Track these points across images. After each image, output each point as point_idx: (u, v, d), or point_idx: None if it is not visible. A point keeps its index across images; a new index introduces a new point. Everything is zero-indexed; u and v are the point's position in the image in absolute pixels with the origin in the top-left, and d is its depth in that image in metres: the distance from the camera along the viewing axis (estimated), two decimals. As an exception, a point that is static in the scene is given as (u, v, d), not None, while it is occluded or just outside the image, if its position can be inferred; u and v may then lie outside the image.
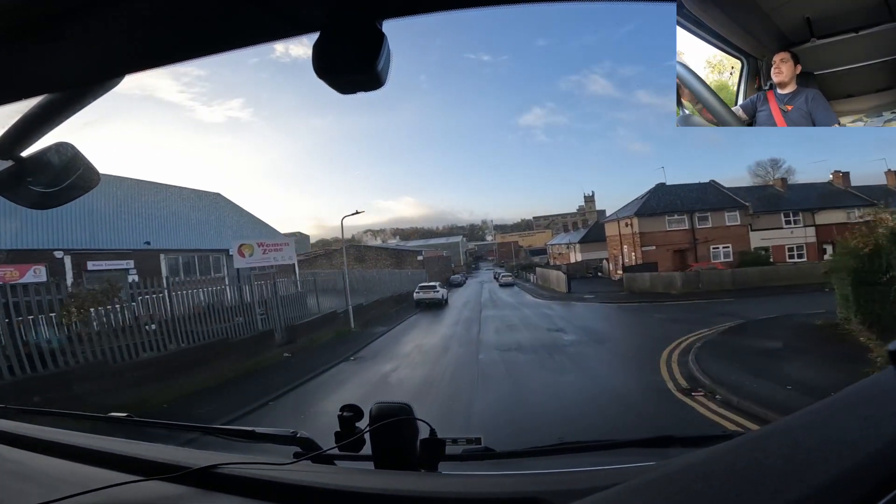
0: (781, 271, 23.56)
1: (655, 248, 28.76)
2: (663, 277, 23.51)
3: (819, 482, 0.37)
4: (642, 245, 28.95)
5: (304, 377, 9.50)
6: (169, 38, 0.58)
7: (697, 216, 29.49)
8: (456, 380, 8.63)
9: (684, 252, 28.99)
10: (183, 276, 18.34)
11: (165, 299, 10.35)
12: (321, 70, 0.54)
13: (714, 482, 0.42)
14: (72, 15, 0.52)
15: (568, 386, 7.81)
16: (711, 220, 29.65)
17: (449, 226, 72.71)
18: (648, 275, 23.85)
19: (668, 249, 28.71)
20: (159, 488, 0.80)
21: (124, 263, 16.60)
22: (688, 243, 29.17)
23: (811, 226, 30.13)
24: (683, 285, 22.16)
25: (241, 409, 7.27)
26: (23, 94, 0.70)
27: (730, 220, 29.92)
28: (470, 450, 1.01)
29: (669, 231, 29.26)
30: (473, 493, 0.70)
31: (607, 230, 35.25)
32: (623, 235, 31.38)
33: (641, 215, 29.23)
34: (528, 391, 7.70)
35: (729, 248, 29.38)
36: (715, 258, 29.04)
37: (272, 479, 0.79)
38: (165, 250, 18.43)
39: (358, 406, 0.97)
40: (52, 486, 0.83)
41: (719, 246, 29.42)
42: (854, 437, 0.40)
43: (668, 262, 27.91)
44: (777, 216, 30.23)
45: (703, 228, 29.45)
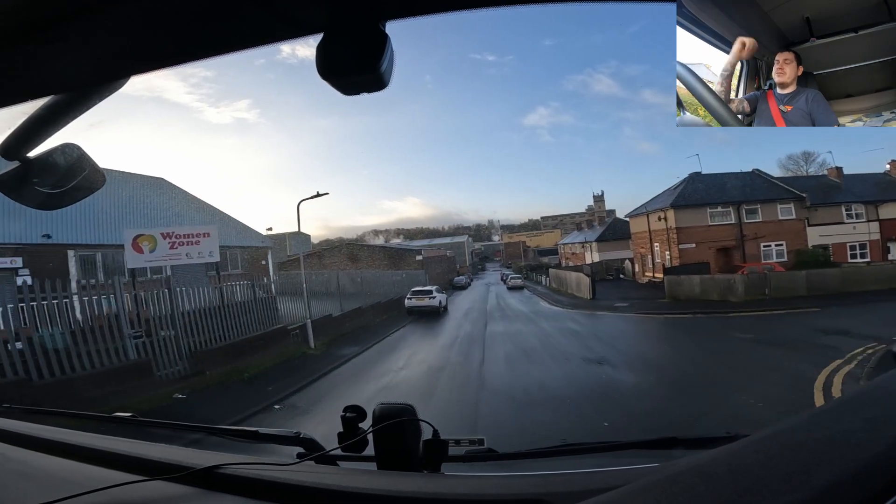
0: (867, 274, 18.73)
1: (695, 245, 24.04)
2: (718, 281, 18.67)
3: (823, 484, 0.37)
4: (680, 242, 24.22)
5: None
6: (172, 39, 0.59)
7: (745, 208, 24.73)
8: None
9: (729, 251, 24.27)
10: (103, 277, 14.30)
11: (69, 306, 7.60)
12: (325, 71, 0.54)
13: (718, 484, 0.41)
14: (76, 16, 0.53)
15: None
16: (762, 214, 24.90)
17: (454, 226, 69.48)
18: (698, 278, 19.02)
19: (711, 247, 23.98)
20: (163, 488, 0.81)
21: (8, 262, 12.49)
22: (734, 240, 24.41)
23: (874, 220, 25.29)
24: (746, 291, 17.43)
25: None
26: (29, 95, 0.71)
27: (783, 213, 25.17)
28: (473, 451, 1.01)
29: (712, 226, 24.50)
30: (476, 495, 0.71)
31: (633, 226, 30.49)
32: (654, 232, 26.66)
33: (678, 207, 24.48)
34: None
35: (783, 245, 24.56)
36: (766, 258, 24.33)
37: (275, 480, 0.80)
38: (76, 245, 14.28)
39: (361, 407, 0.97)
40: (56, 485, 0.84)
41: (771, 243, 24.62)
42: (858, 438, 0.40)
43: (711, 262, 23.26)
44: (837, 209, 25.34)
45: (751, 223, 24.67)
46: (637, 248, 29.72)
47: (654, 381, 7.65)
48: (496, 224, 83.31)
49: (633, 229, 30.24)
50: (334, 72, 0.54)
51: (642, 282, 27.43)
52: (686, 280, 19.44)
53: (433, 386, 8.26)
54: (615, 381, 7.81)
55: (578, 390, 7.23)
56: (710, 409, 6.03)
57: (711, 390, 6.90)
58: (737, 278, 18.22)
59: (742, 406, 5.93)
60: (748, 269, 21.78)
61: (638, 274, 29.29)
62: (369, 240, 63.13)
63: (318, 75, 0.54)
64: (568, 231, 73.24)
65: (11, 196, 0.90)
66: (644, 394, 6.93)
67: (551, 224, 77.32)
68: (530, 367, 9.37)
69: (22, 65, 0.60)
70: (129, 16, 0.53)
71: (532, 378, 8.31)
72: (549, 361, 9.85)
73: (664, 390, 7.11)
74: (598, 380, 7.89)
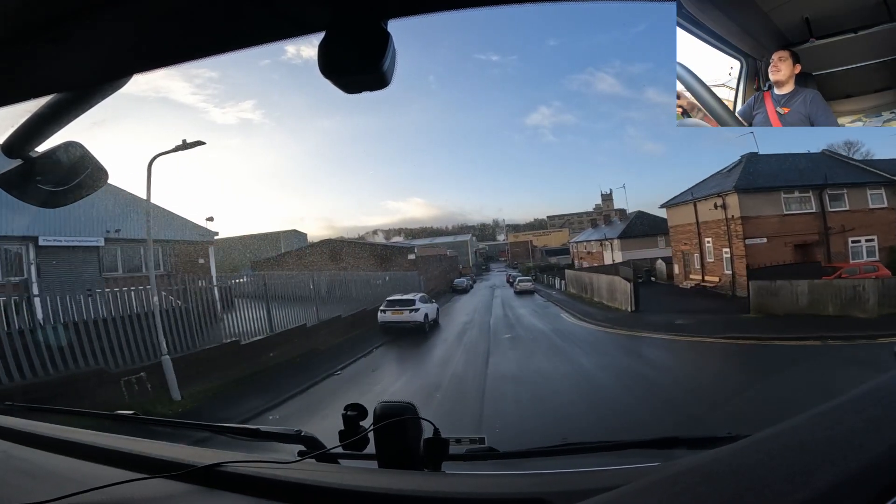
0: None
1: (766, 240, 18.33)
2: (841, 288, 12.61)
3: (825, 484, 0.37)
4: (746, 236, 18.45)
5: None
6: (174, 38, 0.59)
7: (829, 194, 18.99)
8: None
9: (809, 247, 18.55)
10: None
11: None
12: (326, 70, 0.54)
13: (719, 484, 0.41)
14: (79, 16, 0.53)
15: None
16: (848, 201, 19.18)
17: (458, 226, 65.31)
18: (806, 284, 13.13)
19: (787, 243, 18.29)
20: (164, 486, 0.81)
21: None
22: (817, 234, 18.68)
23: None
24: (880, 301, 11.60)
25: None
26: (32, 93, 0.71)
27: (873, 200, 19.46)
28: (474, 449, 1.00)
29: (788, 215, 18.79)
30: (477, 493, 0.70)
31: (672, 218, 24.66)
32: (706, 224, 20.89)
33: (745, 191, 18.70)
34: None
35: (874, 241, 18.87)
36: (855, 257, 18.62)
37: (276, 478, 0.79)
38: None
39: (362, 405, 0.97)
40: (59, 483, 0.84)
41: (860, 238, 18.94)
42: (860, 439, 0.40)
43: (787, 260, 17.55)
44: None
45: (836, 213, 18.97)
46: (678, 245, 23.84)
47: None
48: (501, 223, 78.78)
49: (673, 222, 24.38)
50: (336, 70, 0.54)
51: (685, 287, 21.78)
52: (784, 287, 13.40)
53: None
54: None
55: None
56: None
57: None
58: (869, 284, 12.32)
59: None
60: (846, 269, 16.08)
61: (678, 277, 23.50)
62: (367, 239, 58.99)
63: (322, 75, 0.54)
64: (576, 230, 68.77)
65: (14, 193, 0.90)
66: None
67: (558, 223, 73.08)
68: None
69: (26, 63, 0.61)
70: (131, 15, 0.54)
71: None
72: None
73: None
74: None
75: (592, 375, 8.27)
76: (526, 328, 14.96)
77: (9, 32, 0.54)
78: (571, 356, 10.05)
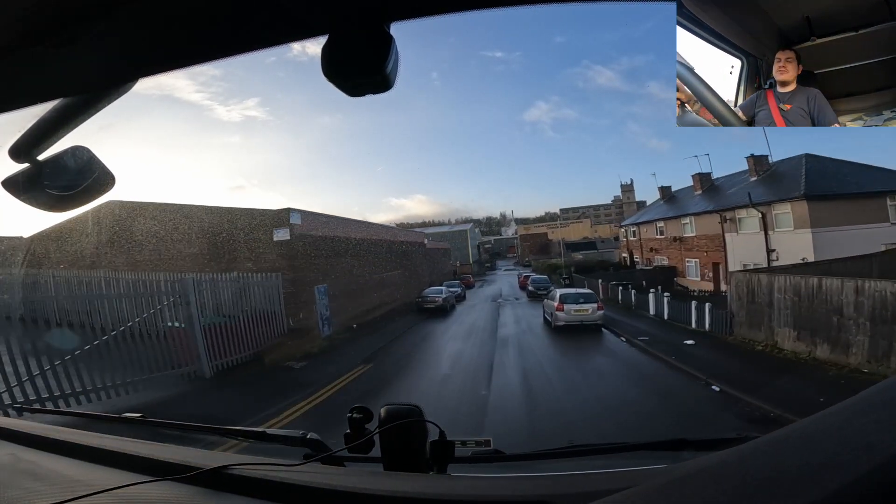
0: None
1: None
2: None
3: (835, 486, 0.36)
4: None
5: None
6: (179, 42, 0.59)
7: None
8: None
9: None
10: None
11: None
12: (330, 73, 0.54)
13: (727, 486, 0.41)
14: (85, 21, 0.54)
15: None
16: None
17: (462, 219, 60.34)
18: None
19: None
20: (171, 489, 0.81)
21: None
22: None
23: None
24: None
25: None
26: (39, 98, 0.72)
27: None
28: (479, 452, 1.01)
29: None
30: (483, 496, 0.70)
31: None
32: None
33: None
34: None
35: None
36: None
37: (282, 480, 0.80)
38: None
39: (367, 408, 0.97)
40: (67, 486, 0.84)
41: None
42: (870, 440, 0.39)
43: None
44: None
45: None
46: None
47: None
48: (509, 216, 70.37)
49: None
50: (339, 74, 0.54)
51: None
52: None
53: None
54: None
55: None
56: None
57: None
58: None
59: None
60: None
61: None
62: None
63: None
64: (601, 221, 59.10)
65: (21, 198, 0.90)
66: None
67: (573, 216, 63.20)
68: None
69: (33, 68, 0.62)
70: (137, 20, 0.54)
71: None
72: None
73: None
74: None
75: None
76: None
77: (16, 37, 0.56)
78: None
